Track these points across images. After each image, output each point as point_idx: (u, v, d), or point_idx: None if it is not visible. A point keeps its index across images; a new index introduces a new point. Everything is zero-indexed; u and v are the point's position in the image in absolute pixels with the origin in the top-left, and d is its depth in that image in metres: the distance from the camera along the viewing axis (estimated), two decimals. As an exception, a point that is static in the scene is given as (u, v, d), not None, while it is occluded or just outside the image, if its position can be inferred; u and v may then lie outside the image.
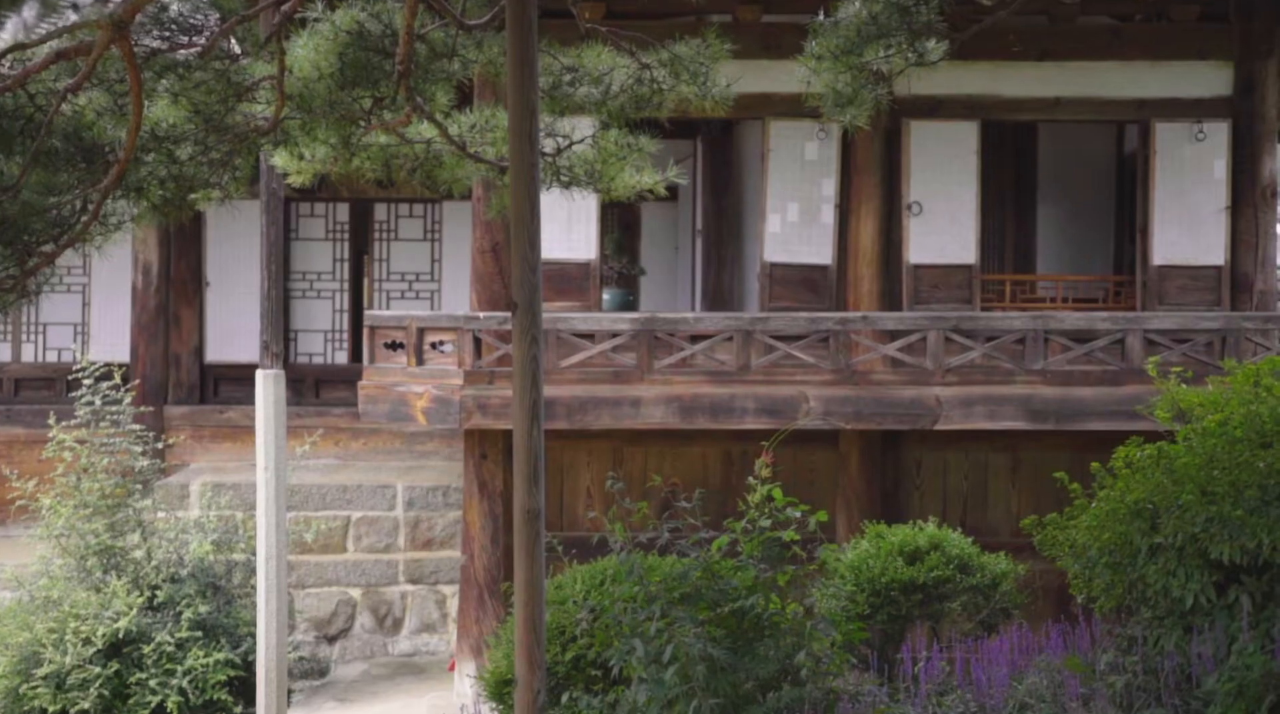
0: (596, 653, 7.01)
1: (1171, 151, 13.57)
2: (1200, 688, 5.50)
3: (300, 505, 16.62)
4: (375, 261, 18.78)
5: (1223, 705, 5.29)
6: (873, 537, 9.54)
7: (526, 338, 6.29)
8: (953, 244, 13.63)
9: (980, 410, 12.60)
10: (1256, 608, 5.68)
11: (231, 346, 18.09)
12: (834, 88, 8.56)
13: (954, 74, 13.44)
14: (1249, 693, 5.25)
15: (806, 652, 6.46)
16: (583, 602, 7.49)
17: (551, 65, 8.95)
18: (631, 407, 12.59)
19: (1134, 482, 6.79)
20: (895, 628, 8.93)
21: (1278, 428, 6.49)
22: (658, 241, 18.93)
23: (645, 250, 19.09)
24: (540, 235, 6.29)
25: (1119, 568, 6.47)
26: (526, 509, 6.32)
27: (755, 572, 6.93)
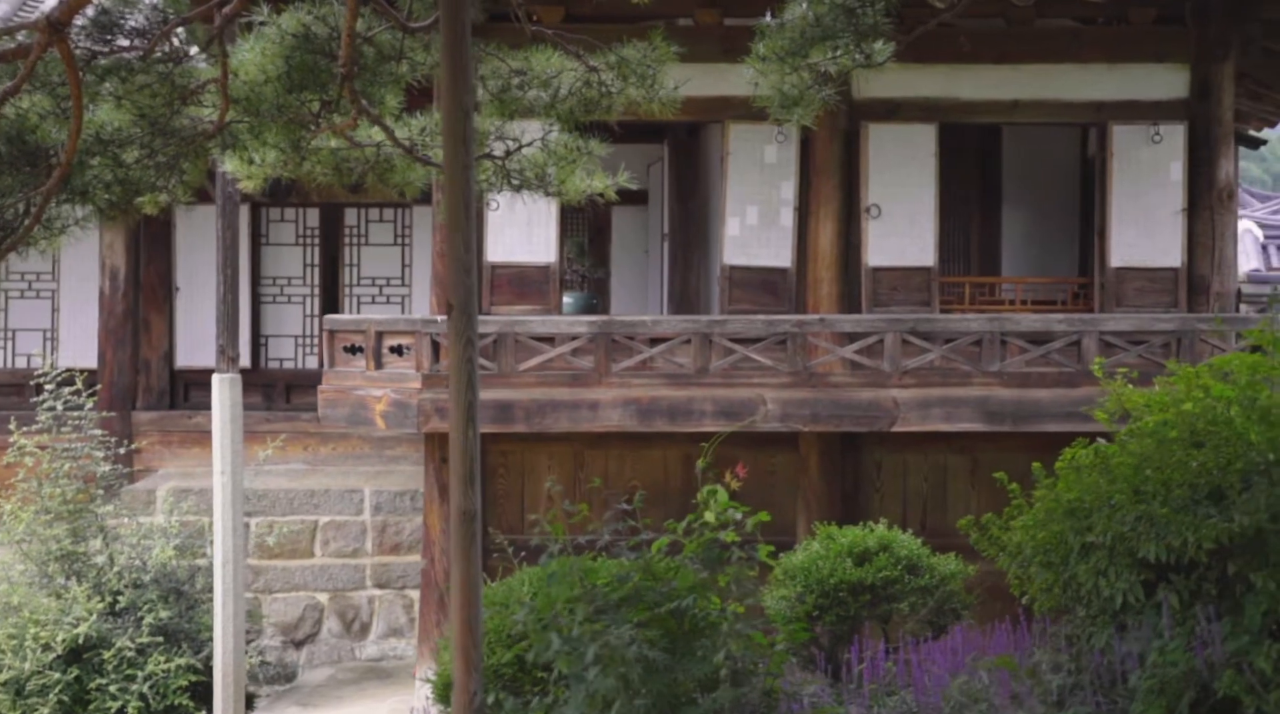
0: (535, 655, 7.01)
1: (1129, 154, 13.63)
2: (1128, 685, 5.53)
3: (268, 510, 16.61)
4: (346, 266, 18.77)
5: (1144, 702, 5.32)
6: (823, 538, 9.56)
7: (462, 340, 6.28)
8: (912, 246, 13.66)
9: (937, 412, 12.64)
10: (1184, 606, 5.71)
11: (201, 352, 18.02)
12: (780, 89, 8.56)
13: (912, 77, 13.50)
14: (1170, 690, 5.28)
15: (744, 652, 6.46)
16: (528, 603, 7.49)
17: (500, 68, 8.96)
18: (590, 409, 12.61)
19: (1070, 482, 6.82)
20: (844, 629, 8.95)
21: (1210, 428, 6.52)
22: (628, 245, 18.96)
23: (615, 254, 19.13)
24: (475, 237, 6.29)
25: (1053, 567, 6.50)
26: (462, 510, 6.31)
27: (694, 572, 6.94)
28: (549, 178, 9.57)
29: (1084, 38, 13.97)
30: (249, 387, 18.36)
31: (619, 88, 9.00)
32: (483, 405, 12.47)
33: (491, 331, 12.55)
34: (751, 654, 6.76)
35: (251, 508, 16.25)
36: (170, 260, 18.13)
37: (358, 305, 18.48)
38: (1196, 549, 5.65)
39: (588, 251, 19.42)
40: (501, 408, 12.58)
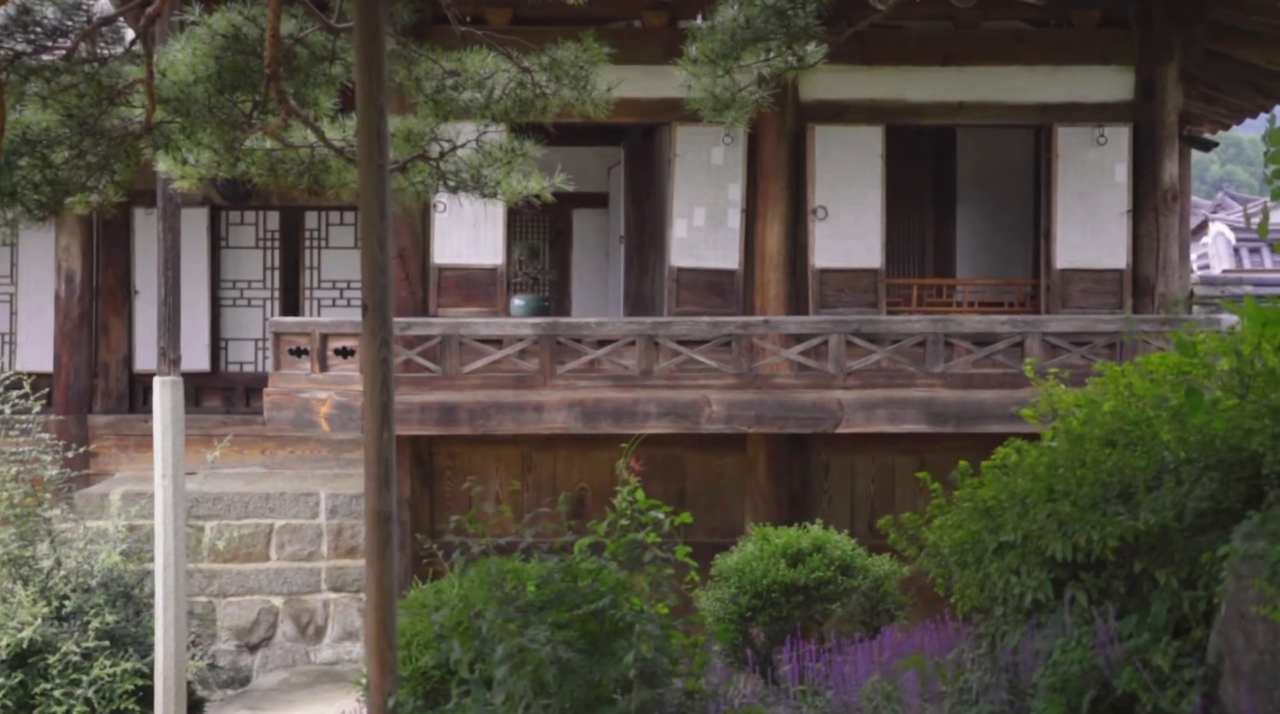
0: (450, 659, 7.00)
1: (1074, 156, 13.68)
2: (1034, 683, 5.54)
3: (223, 513, 16.54)
4: (306, 269, 18.73)
5: (1045, 700, 5.34)
6: (759, 539, 9.57)
7: (376, 341, 6.28)
8: (858, 248, 13.68)
9: (881, 413, 12.67)
10: (1093, 604, 5.73)
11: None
12: (712, 92, 8.57)
13: (859, 79, 13.54)
14: (1070, 687, 5.29)
15: (655, 653, 6.46)
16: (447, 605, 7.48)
17: (433, 70, 8.98)
18: (534, 411, 12.60)
19: (988, 481, 6.84)
20: (777, 629, 8.96)
21: (1125, 428, 6.54)
22: (588, 247, 18.95)
23: (576, 256, 19.11)
24: (389, 237, 6.29)
25: (969, 567, 6.51)
26: (377, 512, 6.31)
27: (615, 573, 6.93)
28: (485, 179, 9.58)
29: (1029, 40, 14.02)
30: (209, 390, 18.39)
31: (553, 89, 9.02)
32: (427, 407, 12.53)
33: (436, 333, 12.54)
34: (668, 654, 6.75)
35: (206, 511, 16.20)
36: (129, 263, 18.05)
37: (318, 308, 18.44)
38: (1103, 548, 5.67)
39: (548, 254, 19.40)
40: (446, 410, 12.58)
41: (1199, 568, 5.32)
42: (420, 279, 13.46)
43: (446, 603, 7.75)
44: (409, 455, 13.46)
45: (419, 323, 12.72)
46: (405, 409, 12.50)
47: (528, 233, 18.77)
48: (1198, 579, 5.34)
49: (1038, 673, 5.54)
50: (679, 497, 13.74)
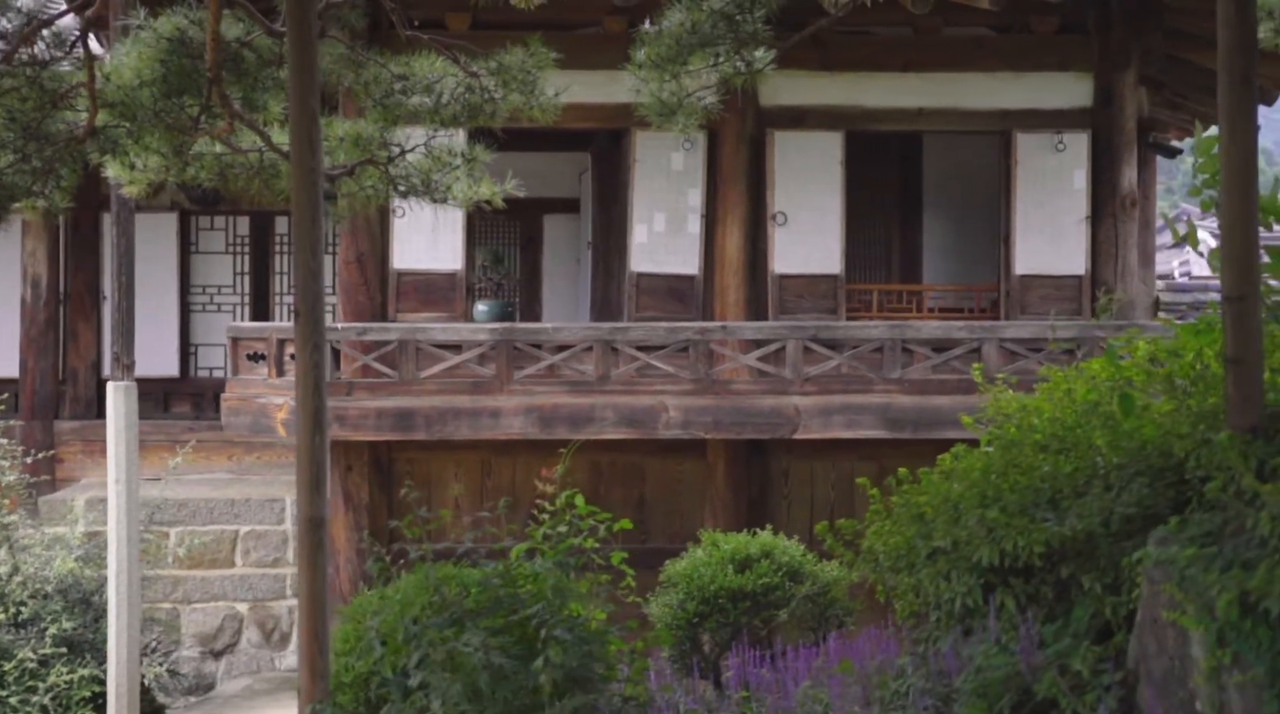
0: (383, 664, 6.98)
1: (1033, 162, 13.70)
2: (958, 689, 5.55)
3: (188, 519, 16.50)
4: (276, 274, 18.70)
5: (967, 705, 5.34)
6: (708, 545, 9.57)
7: (309, 346, 6.27)
8: (818, 254, 13.68)
9: (839, 419, 12.66)
10: (1020, 610, 5.73)
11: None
12: (659, 97, 8.56)
13: (819, 84, 13.55)
14: (991, 693, 5.29)
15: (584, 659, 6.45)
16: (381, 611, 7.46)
17: (381, 74, 8.96)
18: (491, 417, 12.58)
19: (925, 487, 6.85)
20: (724, 635, 8.96)
21: (1059, 432, 6.56)
22: (559, 253, 18.94)
23: (548, 262, 19.10)
24: (322, 241, 6.28)
25: (902, 572, 6.52)
26: (308, 518, 6.30)
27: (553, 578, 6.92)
28: (436, 184, 9.57)
29: (988, 46, 14.03)
30: (179, 395, 18.35)
31: (502, 94, 9.01)
32: (383, 413, 12.50)
33: (393, 338, 12.52)
34: (603, 660, 6.74)
35: (171, 517, 16.15)
36: (98, 269, 17.99)
37: (289, 314, 18.41)
38: (1029, 554, 5.68)
39: (519, 259, 19.39)
40: (403, 415, 12.55)
41: (1123, 573, 5.33)
42: (379, 284, 13.43)
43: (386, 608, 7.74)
44: (368, 461, 13.44)
45: (375, 328, 12.70)
46: (362, 415, 12.48)
47: (499, 238, 18.77)
48: (1122, 585, 5.35)
49: (960, 678, 5.54)
50: (638, 502, 13.74)
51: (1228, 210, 5.30)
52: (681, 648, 9.01)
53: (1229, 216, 5.28)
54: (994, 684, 5.34)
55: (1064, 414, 6.78)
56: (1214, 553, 4.38)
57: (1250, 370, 5.10)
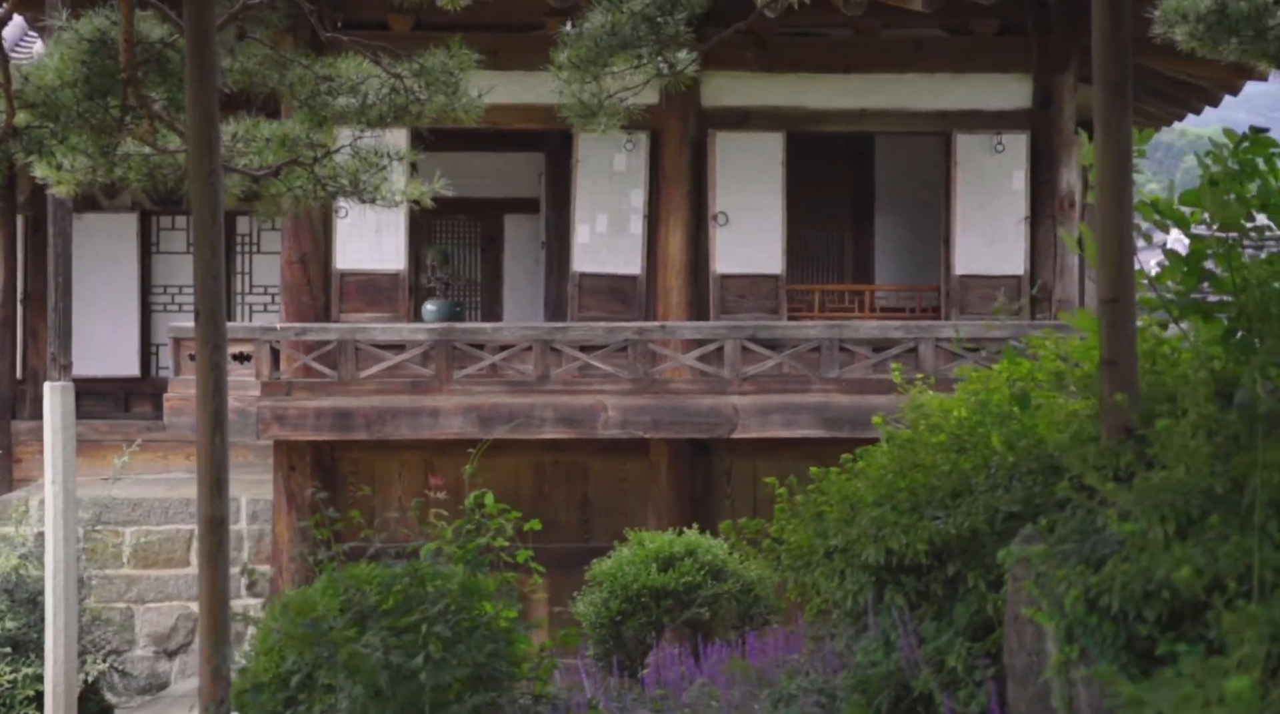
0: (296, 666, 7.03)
1: (973, 163, 13.78)
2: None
3: (142, 519, 16.52)
4: (238, 274, 18.70)
5: (847, 701, 5.41)
6: (634, 543, 9.63)
7: (209, 346, 6.30)
8: (759, 254, 13.74)
9: (777, 418, 12.73)
10: (911, 607, 5.80)
11: (94, 361, 17.89)
12: (579, 98, 8.62)
13: (761, 86, 13.61)
14: (870, 689, 5.37)
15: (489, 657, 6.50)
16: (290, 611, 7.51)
17: (305, 75, 9.00)
18: (430, 417, 12.62)
19: (827, 485, 6.91)
20: (647, 634, 9.02)
21: (959, 431, 6.62)
22: (519, 254, 18.97)
23: (508, 262, 19.12)
24: (222, 241, 6.32)
25: (800, 570, 6.59)
26: (209, 518, 6.34)
27: (462, 577, 6.97)
28: (364, 185, 9.60)
29: (929, 48, 14.10)
30: (140, 395, 18.34)
31: (427, 95, 9.07)
32: (322, 413, 12.53)
33: (332, 339, 12.56)
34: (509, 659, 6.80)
35: (125, 517, 16.18)
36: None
37: (250, 314, 18.43)
38: (914, 552, 5.74)
39: (480, 259, 19.40)
40: (342, 415, 12.59)
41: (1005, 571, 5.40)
42: (322, 284, 13.46)
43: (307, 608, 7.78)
44: (311, 461, 13.48)
45: (315, 328, 12.74)
46: (301, 414, 12.52)
47: (460, 238, 18.79)
48: (1003, 582, 5.43)
49: (842, 675, 5.61)
50: (582, 502, 13.80)
51: (1103, 214, 5.38)
52: (605, 646, 9.07)
53: (1104, 220, 5.36)
54: (873, 680, 5.42)
55: (969, 414, 6.86)
56: (1067, 550, 4.46)
57: (1124, 372, 5.17)
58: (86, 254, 17.76)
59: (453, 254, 18.04)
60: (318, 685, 7.11)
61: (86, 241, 17.61)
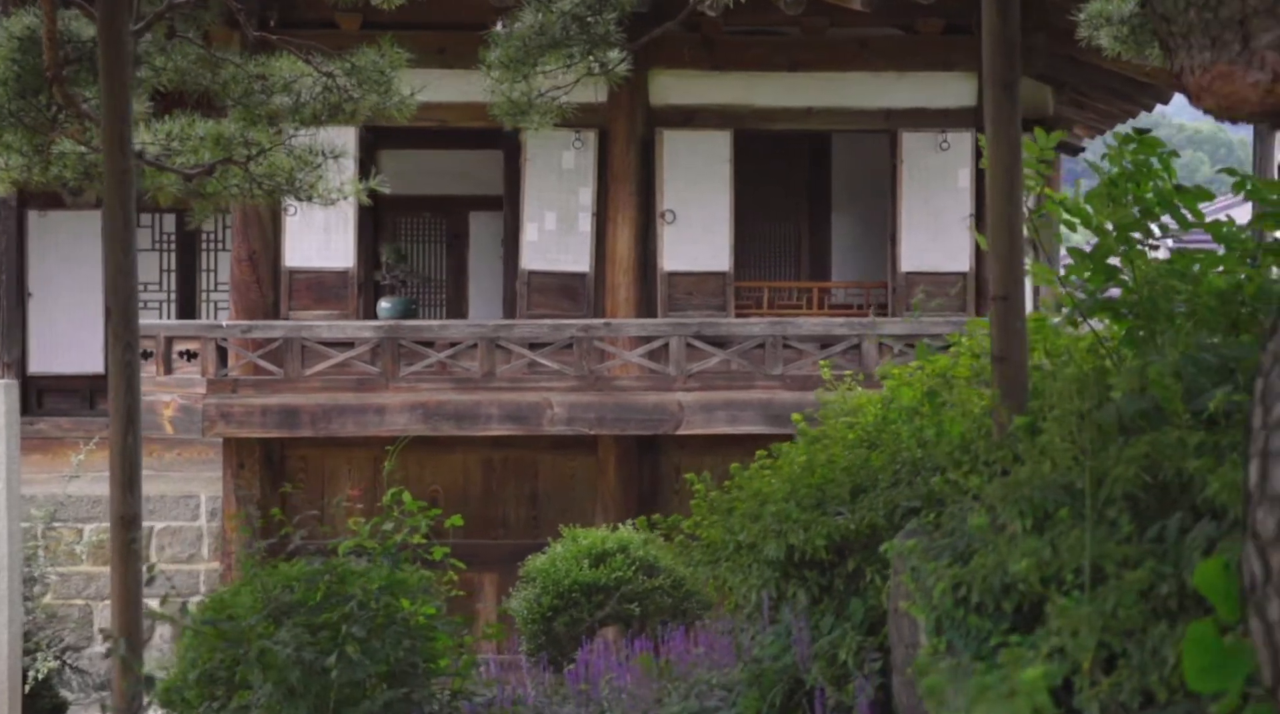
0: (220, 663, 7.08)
1: (918, 161, 13.86)
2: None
3: (102, 516, 16.49)
4: (203, 272, 18.69)
5: (743, 695, 5.47)
6: (568, 539, 9.69)
7: (121, 344, 6.34)
8: (707, 252, 13.81)
9: (722, 415, 12.79)
10: (814, 602, 5.86)
11: (57, 358, 17.86)
12: (508, 97, 8.68)
13: (708, 84, 13.68)
14: (764, 682, 5.43)
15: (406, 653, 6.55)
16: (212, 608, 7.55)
17: (239, 74, 9.04)
18: (376, 414, 12.67)
19: (742, 481, 6.98)
20: (578, 629, 9.07)
21: (871, 429, 6.70)
22: (484, 252, 18.98)
23: (473, 260, 19.13)
24: (134, 240, 6.37)
25: (706, 565, 6.65)
26: (120, 516, 6.38)
27: (382, 573, 7.02)
28: (300, 183, 9.64)
29: (874, 47, 14.17)
30: (104, 393, 18.28)
31: (361, 93, 9.11)
32: (269, 410, 12.57)
33: (278, 336, 12.60)
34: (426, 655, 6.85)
35: (85, 514, 16.20)
36: (23, 266, 17.96)
37: (215, 311, 18.39)
38: (814, 547, 5.81)
39: (445, 256, 19.41)
40: (288, 413, 12.63)
41: (900, 565, 5.46)
42: (271, 282, 13.49)
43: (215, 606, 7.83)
44: (259, 458, 13.51)
45: (260, 326, 12.78)
46: (247, 412, 12.56)
47: (425, 235, 18.79)
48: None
49: (738, 668, 5.68)
50: (531, 498, 13.86)
51: (993, 212, 5.46)
52: (537, 642, 9.13)
53: (994, 218, 5.44)
54: (768, 674, 5.48)
55: (883, 410, 6.93)
56: (942, 545, 4.52)
57: (1014, 367, 5.25)
58: (51, 252, 17.79)
59: (418, 252, 18.09)
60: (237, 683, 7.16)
61: (51, 239, 17.64)
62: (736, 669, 5.60)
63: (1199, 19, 3.64)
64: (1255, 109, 3.55)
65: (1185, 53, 3.70)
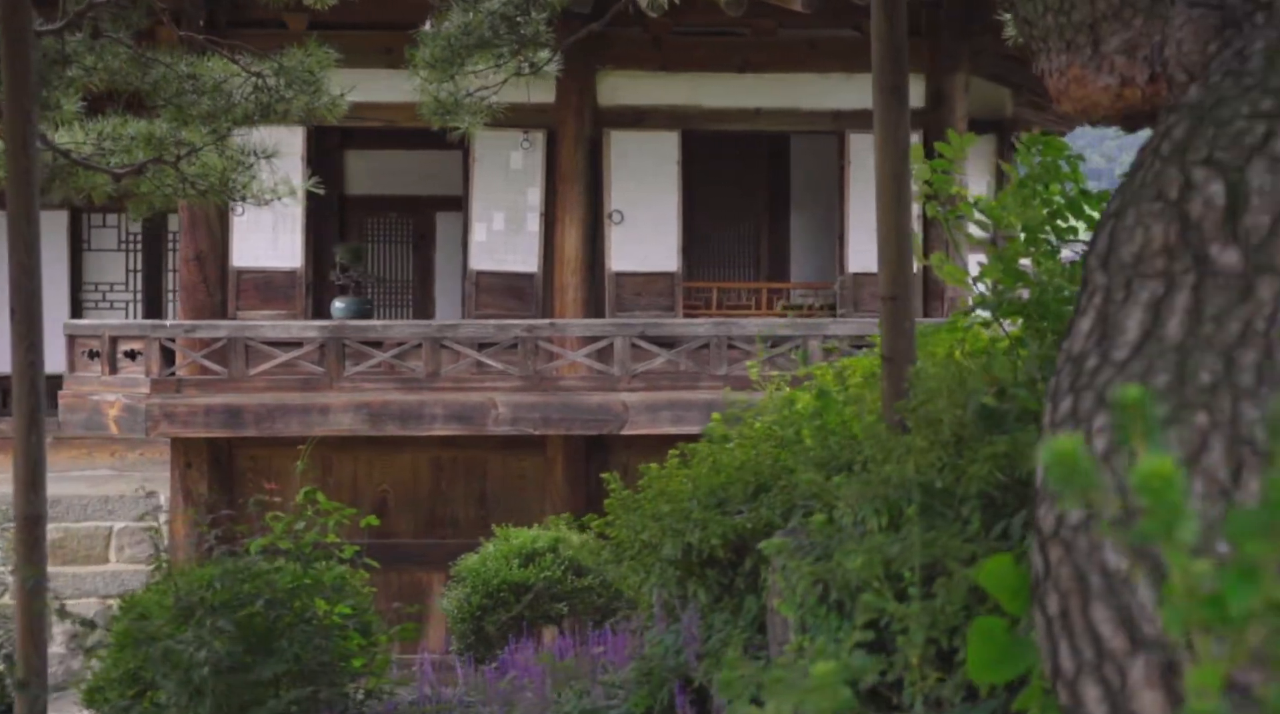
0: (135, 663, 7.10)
1: (866, 161, 13.83)
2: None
3: (61, 516, 16.46)
4: (169, 272, 18.66)
5: (634, 692, 5.50)
6: (501, 539, 9.71)
7: (24, 344, 6.35)
8: (654, 252, 13.83)
9: (666, 415, 12.80)
10: (715, 601, 5.89)
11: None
12: (435, 97, 8.69)
13: (657, 85, 13.70)
14: (654, 680, 5.46)
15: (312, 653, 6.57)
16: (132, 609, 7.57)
17: (169, 75, 9.05)
18: (320, 414, 12.66)
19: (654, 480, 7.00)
20: (507, 629, 9.09)
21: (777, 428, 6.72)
22: (451, 252, 18.98)
23: (440, 260, 19.13)
24: (39, 240, 6.38)
25: (611, 564, 6.68)
26: (24, 515, 6.37)
27: (293, 573, 7.04)
28: (232, 183, 9.65)
29: (822, 48, 14.19)
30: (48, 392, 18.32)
31: (292, 94, 9.12)
32: (213, 410, 12.56)
33: (222, 336, 12.60)
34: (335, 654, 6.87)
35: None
36: (-13, 266, 17.92)
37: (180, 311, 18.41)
38: (711, 546, 5.84)
39: (412, 257, 19.39)
40: (232, 412, 12.62)
41: (794, 564, 5.49)
42: (219, 282, 13.49)
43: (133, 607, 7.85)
44: (206, 458, 13.49)
45: (204, 325, 12.78)
46: (191, 411, 12.55)
47: (391, 235, 18.77)
48: (793, 575, 5.52)
49: (630, 667, 5.71)
50: (480, 498, 13.86)
51: (882, 215, 5.49)
52: (467, 640, 9.15)
53: (882, 221, 5.47)
54: (657, 673, 5.50)
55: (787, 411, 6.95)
56: (811, 543, 4.56)
57: (900, 367, 5.28)
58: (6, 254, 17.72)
59: (385, 252, 18.10)
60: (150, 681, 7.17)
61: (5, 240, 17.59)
62: (628, 668, 5.63)
63: (1055, 23, 3.66)
64: (1107, 112, 3.58)
65: (1045, 56, 3.72)
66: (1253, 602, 1.41)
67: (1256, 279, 2.26)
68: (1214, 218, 2.33)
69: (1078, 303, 2.58)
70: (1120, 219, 2.51)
